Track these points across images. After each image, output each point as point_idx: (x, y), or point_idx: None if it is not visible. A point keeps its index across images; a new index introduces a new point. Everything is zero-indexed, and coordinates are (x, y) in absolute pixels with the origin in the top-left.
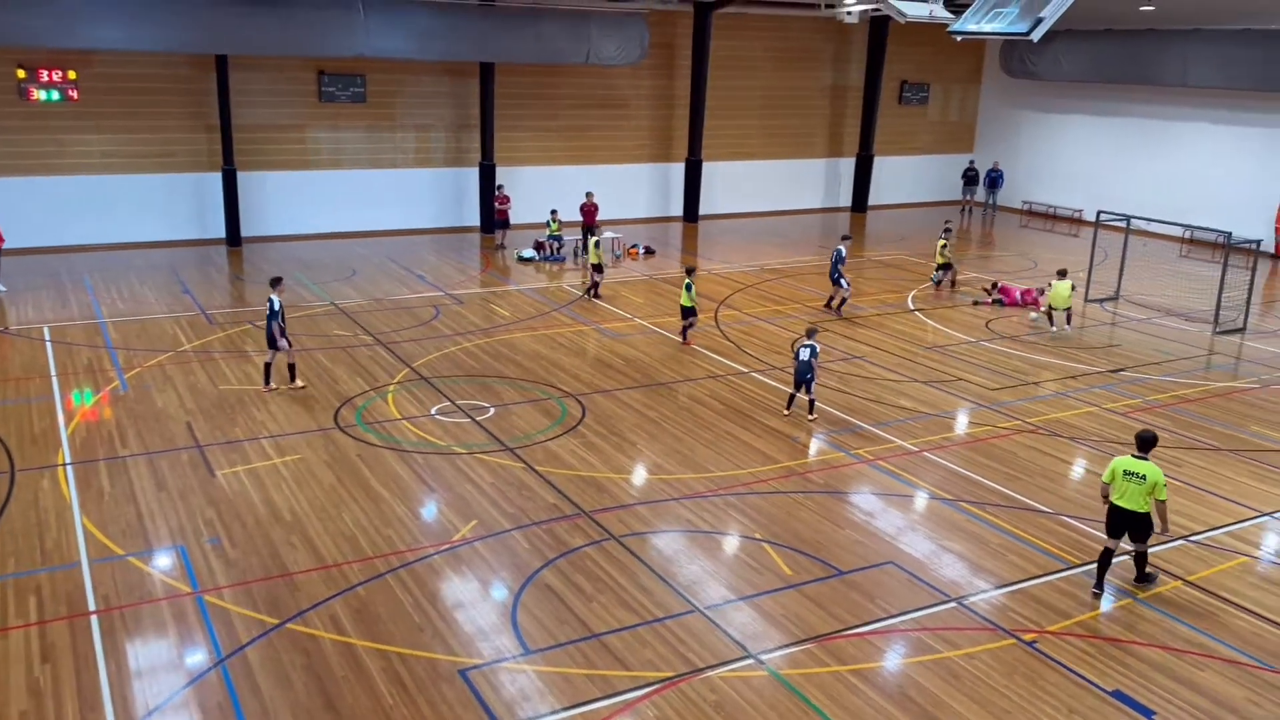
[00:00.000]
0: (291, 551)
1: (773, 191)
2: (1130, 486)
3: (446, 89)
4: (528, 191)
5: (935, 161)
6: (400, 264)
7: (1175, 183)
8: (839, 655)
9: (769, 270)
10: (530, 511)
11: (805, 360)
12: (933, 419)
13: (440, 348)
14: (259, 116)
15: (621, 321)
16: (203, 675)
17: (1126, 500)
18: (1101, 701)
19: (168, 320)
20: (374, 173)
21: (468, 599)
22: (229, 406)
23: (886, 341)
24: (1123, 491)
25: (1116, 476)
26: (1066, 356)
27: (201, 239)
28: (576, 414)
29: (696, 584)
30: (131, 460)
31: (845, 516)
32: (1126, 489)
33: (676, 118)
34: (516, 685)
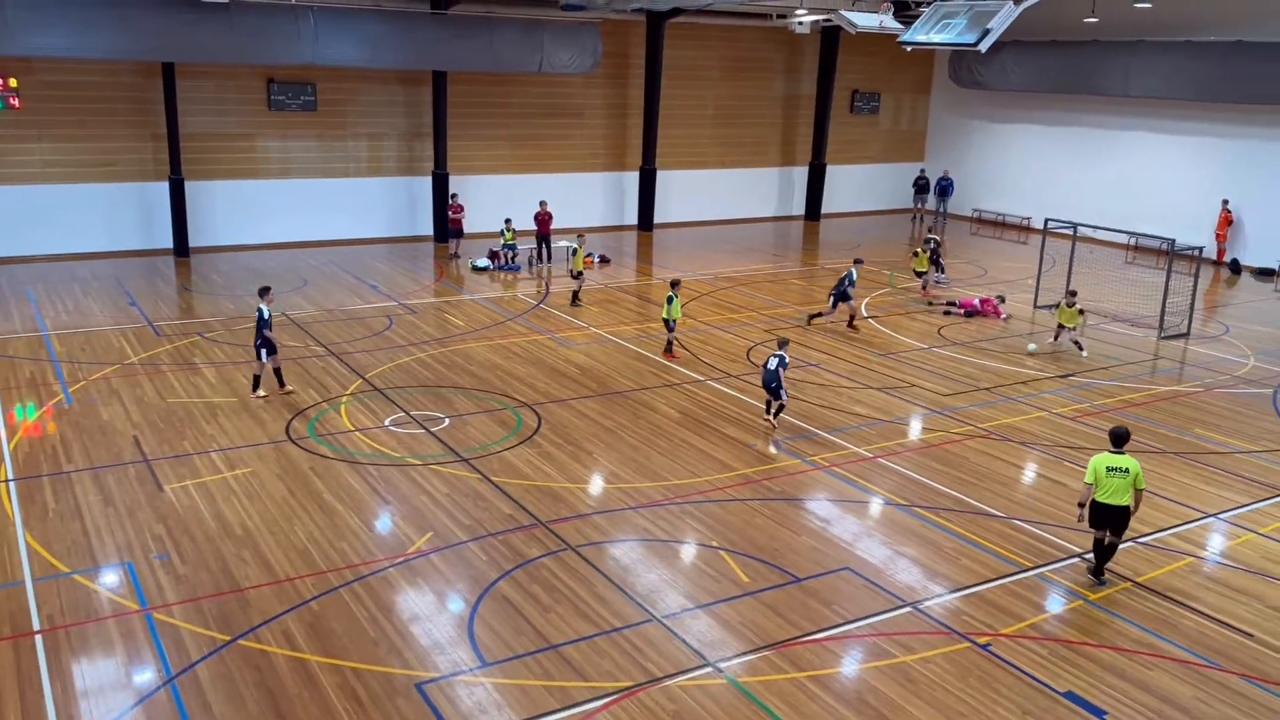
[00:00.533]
0: (243, 566)
1: (727, 200)
2: (1115, 482)
3: (399, 97)
4: (482, 200)
5: (886, 170)
6: (353, 274)
7: (1120, 191)
8: (797, 662)
9: (724, 278)
10: (486, 522)
11: (772, 369)
12: (887, 425)
13: (394, 358)
14: (207, 125)
15: (577, 330)
16: (152, 694)
17: (1112, 496)
18: (1054, 703)
19: (113, 332)
20: (325, 182)
21: (423, 612)
22: (177, 420)
23: (841, 349)
24: (1108, 488)
25: (1100, 475)
26: (1016, 363)
27: (148, 249)
28: (532, 424)
29: (654, 593)
30: (76, 476)
31: (802, 523)
32: (1112, 485)
33: (630, 127)
34: (474, 698)
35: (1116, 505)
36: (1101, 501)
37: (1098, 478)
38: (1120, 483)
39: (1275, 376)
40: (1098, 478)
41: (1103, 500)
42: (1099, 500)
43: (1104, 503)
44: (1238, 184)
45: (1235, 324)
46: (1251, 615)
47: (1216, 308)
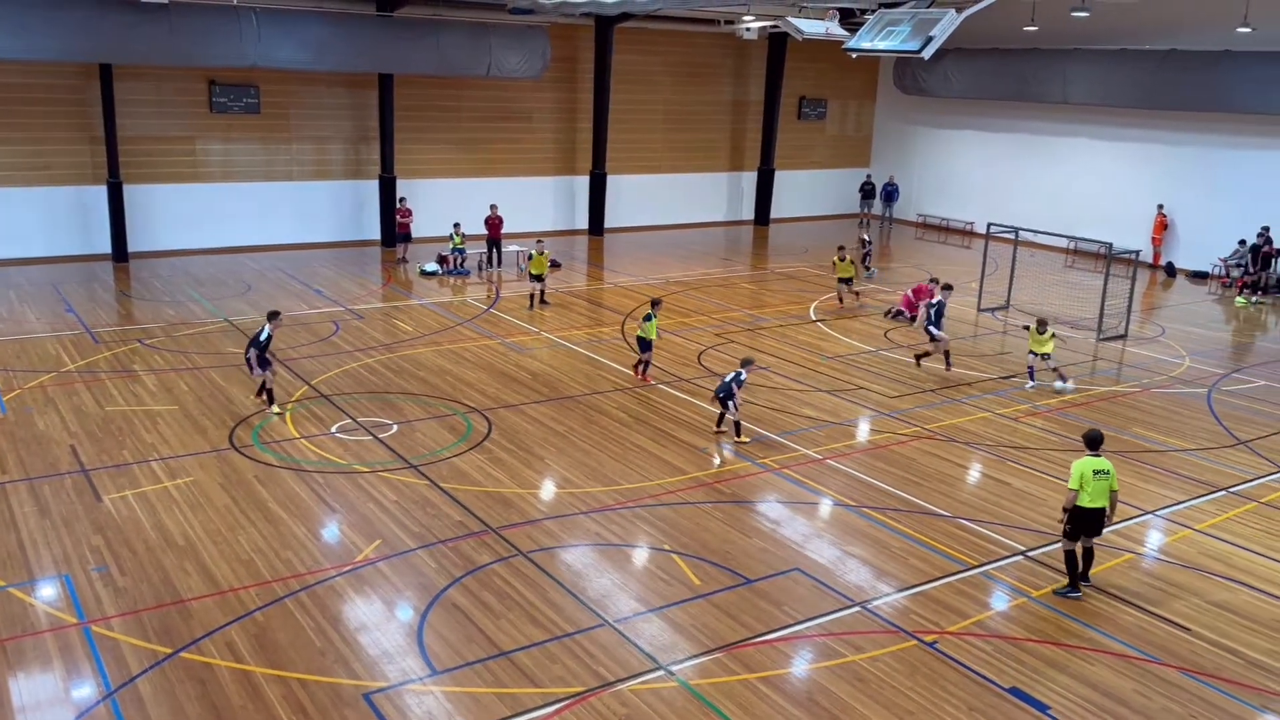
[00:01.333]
0: (185, 578)
1: (677, 205)
2: (1100, 484)
3: (344, 100)
4: (430, 204)
5: (834, 175)
6: (298, 279)
7: (1060, 196)
8: (748, 663)
9: (675, 283)
10: (436, 529)
11: (725, 381)
12: (835, 427)
13: (340, 364)
14: (146, 128)
15: (527, 335)
16: (91, 709)
17: (1097, 499)
18: (1000, 699)
19: (49, 339)
20: (269, 185)
21: (371, 621)
22: (116, 428)
23: (790, 352)
24: (1094, 491)
25: (1087, 479)
26: (961, 365)
27: (86, 255)
28: (482, 429)
29: (606, 597)
30: (11, 486)
31: (752, 525)
32: (1097, 487)
33: (580, 131)
34: (423, 707)
35: (1099, 508)
36: (1087, 507)
37: (1085, 481)
38: (1103, 484)
39: (1210, 376)
40: (1085, 481)
41: (1088, 505)
42: (1084, 506)
43: (1089, 507)
44: (1174, 188)
45: (1171, 325)
46: (1189, 610)
47: (1153, 310)
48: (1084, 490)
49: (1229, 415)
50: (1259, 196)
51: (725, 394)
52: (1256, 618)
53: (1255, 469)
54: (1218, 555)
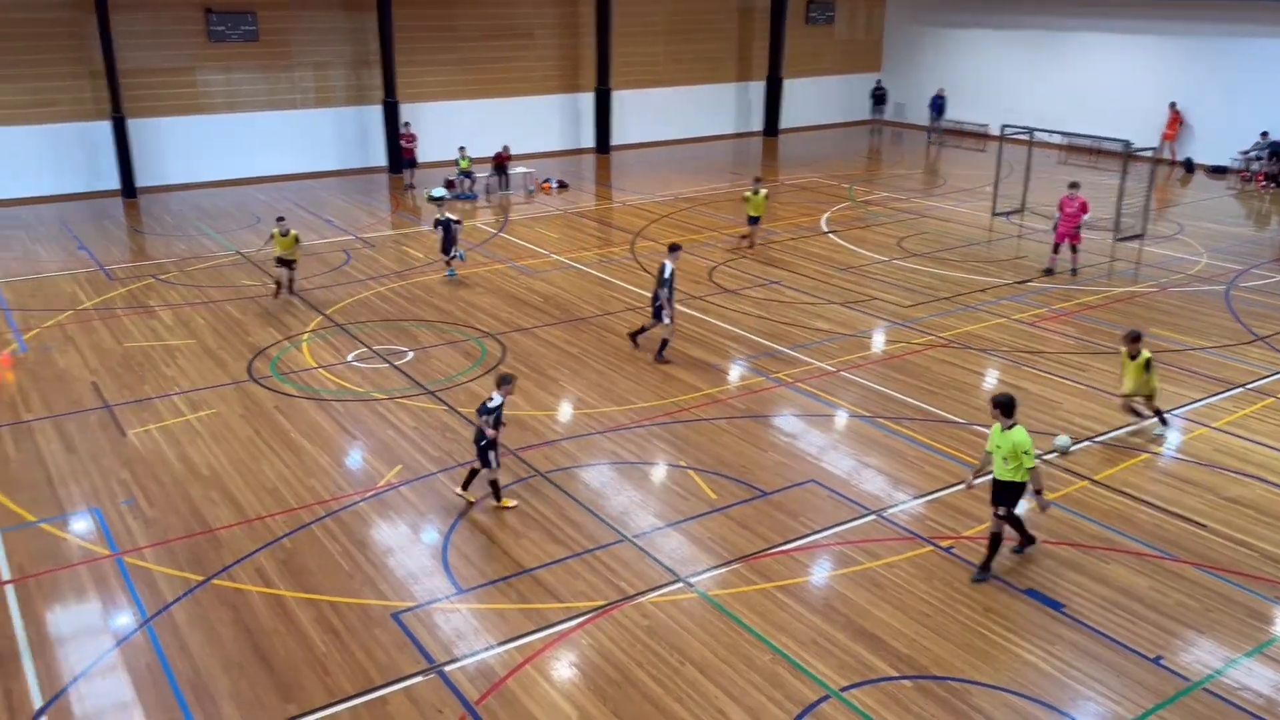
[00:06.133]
0: (212, 507)
1: (684, 119)
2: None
3: (343, 24)
4: (435, 128)
5: (844, 82)
6: (306, 209)
7: (1074, 94)
8: (766, 573)
9: (684, 199)
10: (455, 454)
11: (481, 418)
12: (849, 339)
13: (353, 293)
14: (146, 60)
15: (537, 258)
16: (128, 637)
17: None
18: (1015, 599)
19: (64, 278)
20: (272, 114)
21: (396, 544)
22: (136, 364)
23: (802, 265)
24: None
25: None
26: (975, 270)
27: (94, 191)
28: (497, 354)
29: (625, 514)
30: (37, 424)
31: (767, 439)
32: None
33: (583, 46)
34: (450, 625)
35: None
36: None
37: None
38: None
39: (1227, 273)
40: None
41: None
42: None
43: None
44: (1191, 83)
45: (1189, 222)
46: (1204, 507)
47: (1169, 207)
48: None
49: (1247, 312)
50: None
51: (482, 439)
52: (1272, 512)
53: (1274, 364)
54: (1234, 452)
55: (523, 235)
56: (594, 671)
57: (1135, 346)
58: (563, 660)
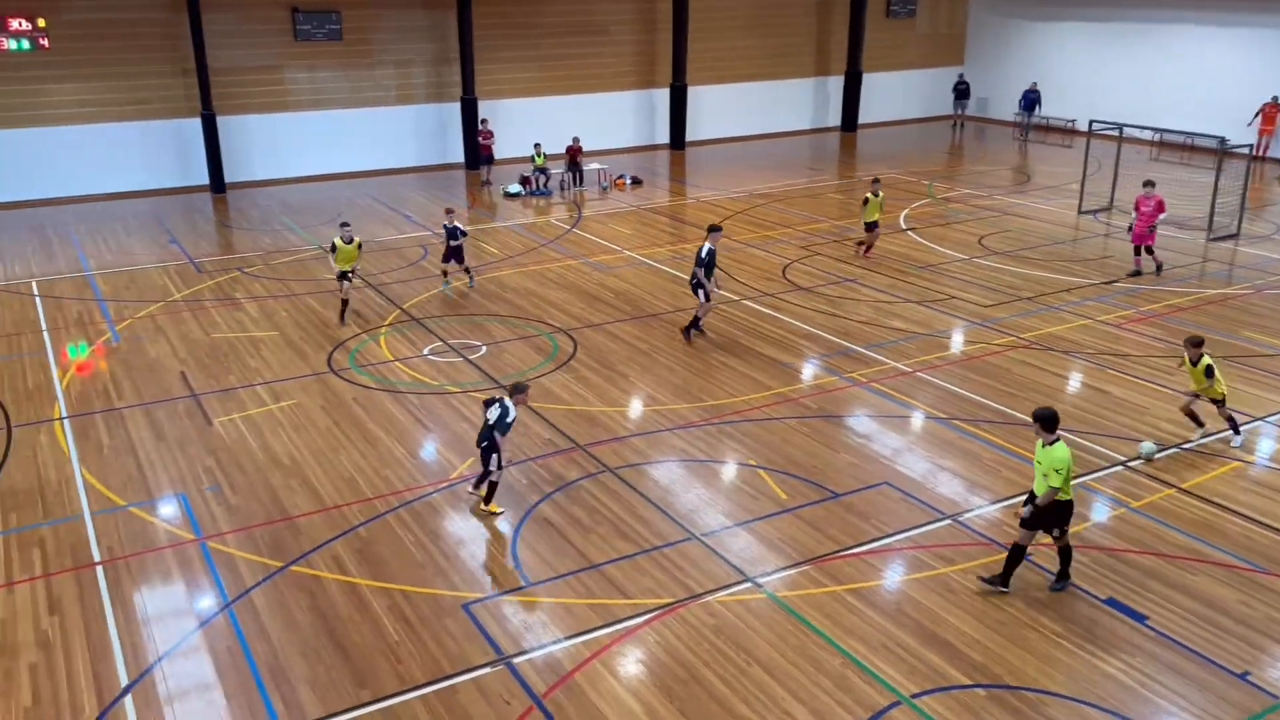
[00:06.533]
0: (292, 495)
1: (760, 114)
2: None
3: (424, 22)
4: (511, 125)
5: (925, 76)
6: (386, 204)
7: (1168, 88)
8: (836, 576)
9: (758, 195)
10: (526, 447)
11: (488, 426)
12: (926, 339)
13: (430, 288)
14: (234, 58)
15: (610, 254)
16: (210, 620)
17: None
18: (1095, 609)
19: (156, 270)
20: (354, 112)
21: (467, 535)
22: (222, 354)
23: (879, 262)
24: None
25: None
26: (1061, 270)
27: (185, 186)
28: (568, 349)
29: (693, 512)
30: (128, 412)
31: (840, 440)
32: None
33: (660, 42)
34: (519, 617)
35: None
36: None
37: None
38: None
39: None
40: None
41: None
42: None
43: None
44: None
45: None
46: None
47: (1265, 207)
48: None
49: None
50: None
51: (489, 444)
52: None
53: None
54: None
55: (596, 231)
56: (660, 669)
57: (1196, 352)
58: (629, 657)
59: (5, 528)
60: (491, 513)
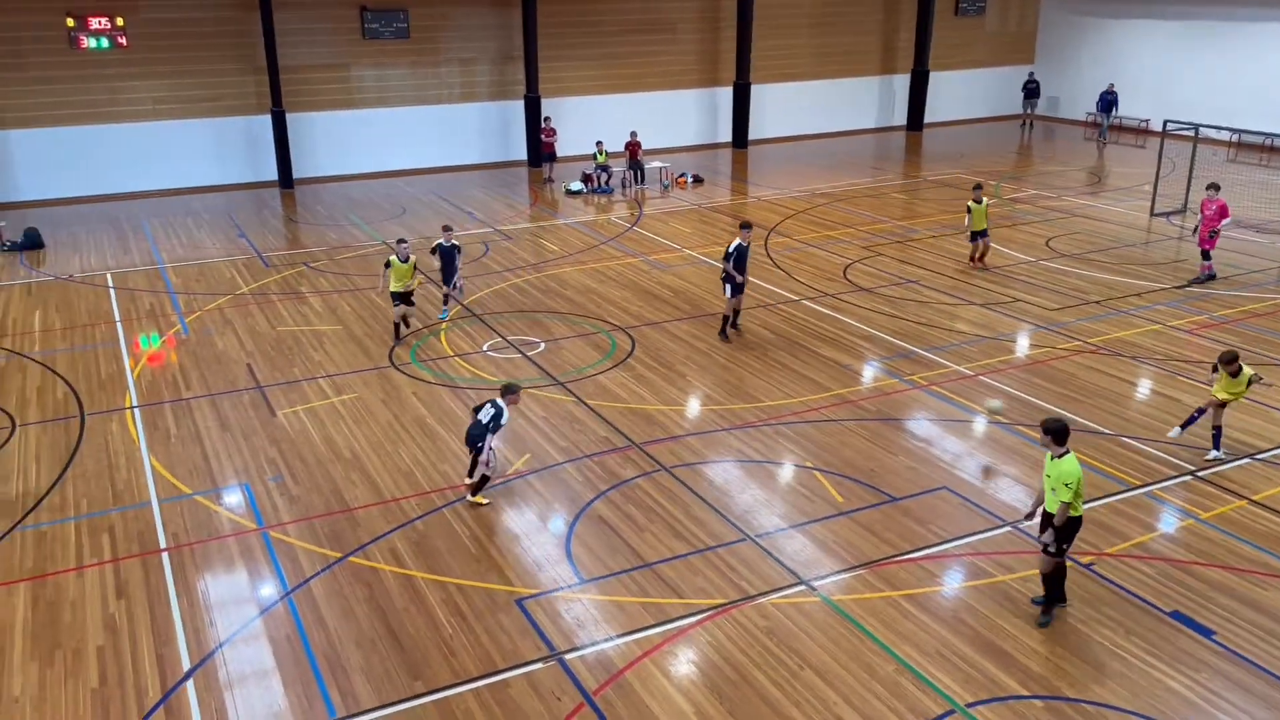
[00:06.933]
0: (351, 488)
1: (824, 113)
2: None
3: (489, 20)
4: (573, 123)
5: (993, 74)
6: (449, 201)
7: (1247, 88)
8: (891, 581)
9: (820, 194)
10: (582, 444)
11: (481, 423)
12: (989, 342)
13: (490, 284)
14: (304, 56)
15: (669, 252)
16: (270, 608)
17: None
18: (1160, 622)
19: (225, 264)
20: (420, 109)
21: (522, 531)
22: (287, 347)
23: (941, 264)
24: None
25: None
26: (1130, 274)
27: (254, 182)
28: (626, 347)
29: (748, 513)
30: (195, 402)
31: (898, 443)
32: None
33: (724, 40)
34: (572, 613)
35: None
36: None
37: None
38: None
39: None
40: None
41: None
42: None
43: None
44: None
45: None
46: None
47: None
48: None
49: None
50: None
51: (479, 439)
52: None
53: None
54: None
55: (656, 229)
56: (711, 670)
57: (1235, 367)
58: (681, 656)
59: (77, 513)
60: (478, 503)
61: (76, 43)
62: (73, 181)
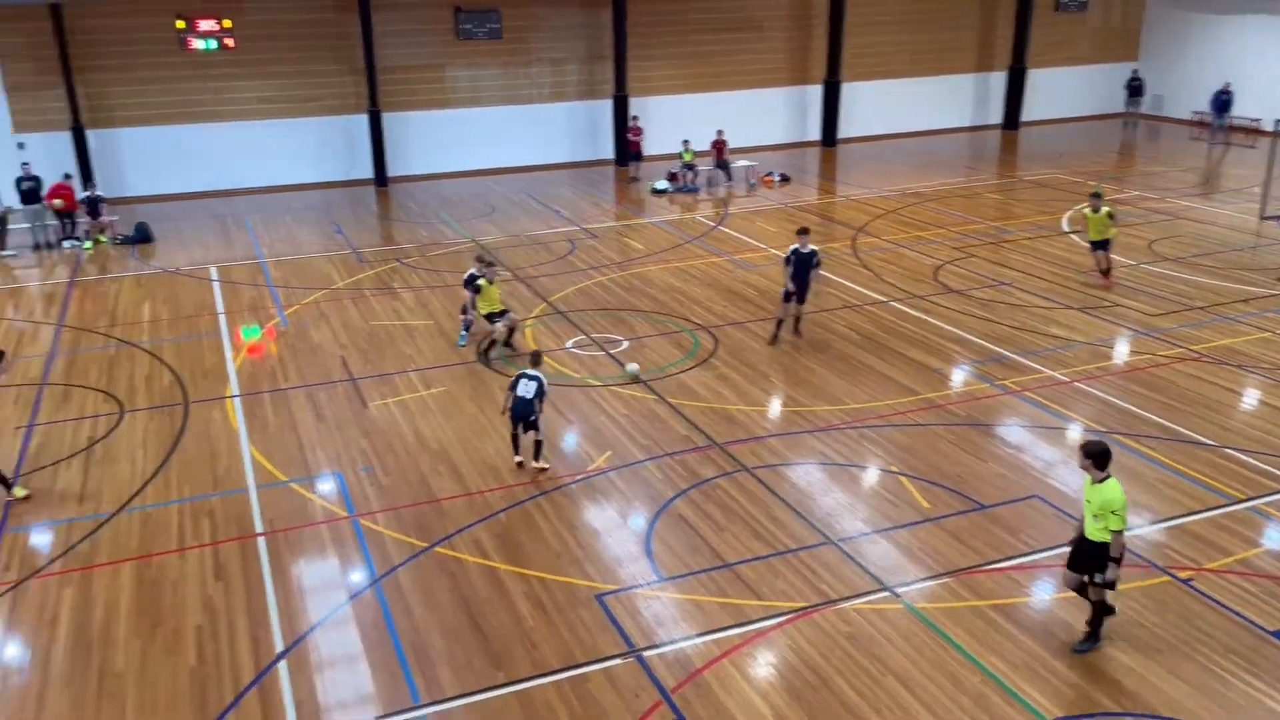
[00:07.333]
0: (438, 479)
1: (917, 111)
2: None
3: (579, 20)
4: (660, 121)
5: (1095, 72)
6: (537, 199)
7: None
8: (978, 590)
9: (911, 194)
10: (663, 443)
11: (525, 399)
12: (1086, 347)
13: (575, 282)
14: (400, 57)
15: (754, 252)
16: (359, 594)
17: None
18: (1262, 642)
19: (321, 259)
20: (510, 109)
21: (603, 527)
22: (379, 341)
23: (1037, 266)
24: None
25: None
26: (1238, 279)
27: (351, 180)
28: (709, 346)
29: (830, 516)
30: (292, 392)
31: (989, 449)
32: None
33: (814, 38)
34: (651, 611)
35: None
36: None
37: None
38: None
39: None
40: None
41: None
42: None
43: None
44: None
45: None
46: None
47: None
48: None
49: None
50: None
51: (531, 414)
52: None
53: None
54: None
55: (741, 229)
56: (791, 673)
57: None
58: (760, 658)
59: (180, 497)
60: (543, 469)
61: (186, 44)
62: (180, 178)
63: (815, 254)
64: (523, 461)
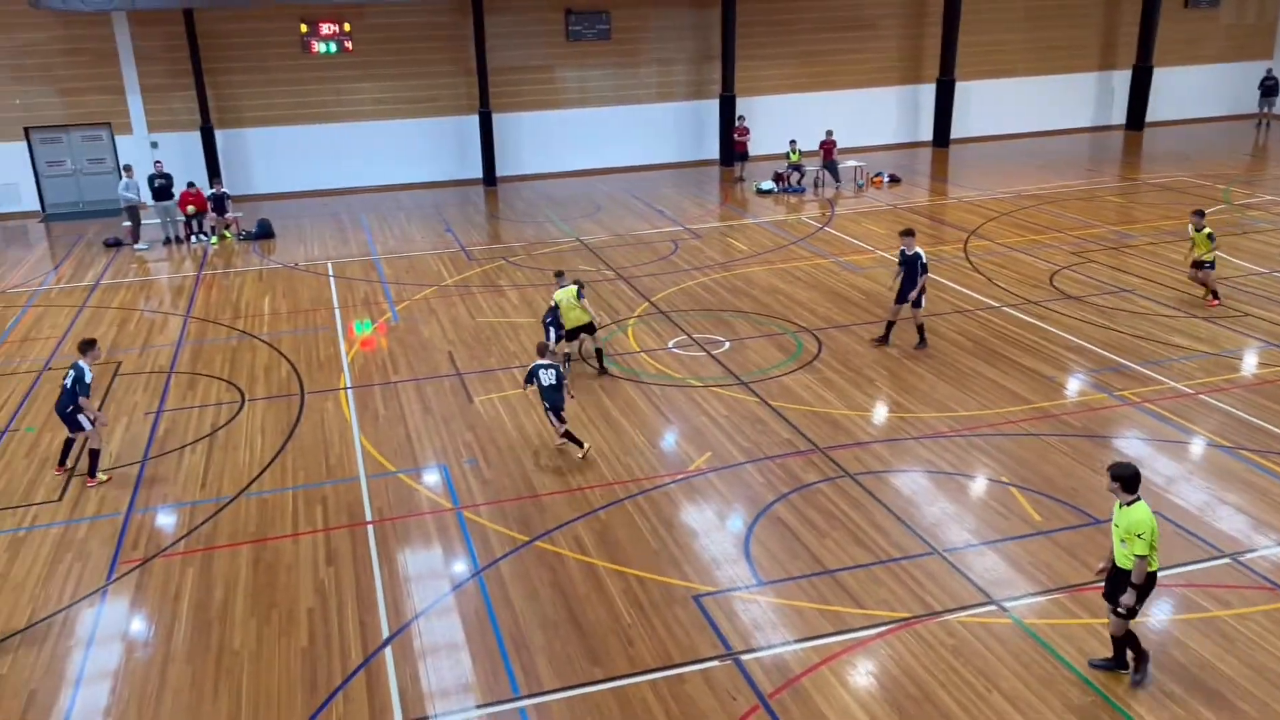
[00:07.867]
0: (539, 474)
1: (1034, 110)
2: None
3: (688, 21)
4: (767, 122)
5: (1226, 71)
6: (642, 199)
7: None
8: (1091, 607)
9: (1027, 196)
10: (764, 446)
11: (555, 386)
12: (1212, 358)
13: (678, 282)
14: (511, 59)
15: (861, 254)
16: (462, 585)
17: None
18: None
19: (432, 256)
20: (618, 109)
21: (702, 528)
22: (485, 338)
23: (1160, 273)
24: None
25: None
26: None
27: (461, 179)
28: (812, 349)
29: (936, 526)
30: (402, 386)
31: (1105, 462)
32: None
33: (928, 36)
34: (749, 614)
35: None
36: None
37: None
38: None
39: None
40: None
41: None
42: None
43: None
44: None
45: None
46: None
47: None
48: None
49: None
50: None
51: (561, 401)
52: None
53: None
54: None
55: (848, 230)
56: (892, 684)
57: None
58: (860, 668)
59: (295, 483)
60: (584, 455)
61: (308, 48)
62: (300, 176)
63: (920, 256)
64: (584, 450)
